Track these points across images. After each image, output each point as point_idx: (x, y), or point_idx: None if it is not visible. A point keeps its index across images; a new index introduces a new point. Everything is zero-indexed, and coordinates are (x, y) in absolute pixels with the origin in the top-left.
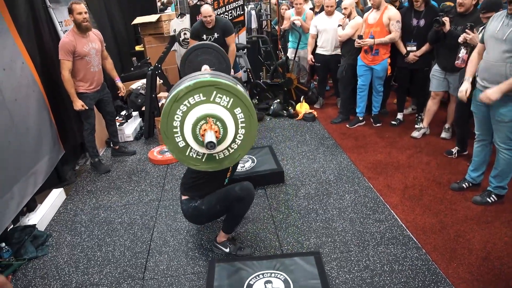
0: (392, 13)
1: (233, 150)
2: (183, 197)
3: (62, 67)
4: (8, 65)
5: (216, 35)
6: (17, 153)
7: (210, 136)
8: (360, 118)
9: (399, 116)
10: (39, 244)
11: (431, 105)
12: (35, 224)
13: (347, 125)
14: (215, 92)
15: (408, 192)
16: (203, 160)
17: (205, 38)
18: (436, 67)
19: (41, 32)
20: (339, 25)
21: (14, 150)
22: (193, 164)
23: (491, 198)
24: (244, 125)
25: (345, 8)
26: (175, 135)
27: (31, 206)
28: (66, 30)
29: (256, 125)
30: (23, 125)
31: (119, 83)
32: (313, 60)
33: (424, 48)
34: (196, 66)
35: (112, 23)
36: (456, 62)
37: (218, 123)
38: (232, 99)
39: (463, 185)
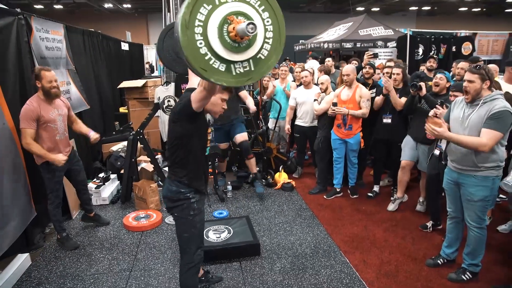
0: (363, 92)
1: (271, 39)
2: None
3: (24, 136)
4: None
5: None
6: None
7: (243, 23)
8: (338, 190)
9: (376, 188)
10: None
11: (401, 176)
12: None
13: (325, 196)
14: None
15: (384, 268)
16: (253, 68)
17: None
18: (407, 138)
19: (27, 95)
20: (315, 100)
21: None
22: (247, 80)
23: (466, 275)
24: (263, 7)
25: (321, 83)
26: (211, 62)
27: None
28: None
29: (277, 5)
30: None
31: (93, 134)
32: (290, 130)
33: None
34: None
35: (98, 84)
36: (427, 134)
37: (240, 17)
38: None
39: (438, 261)
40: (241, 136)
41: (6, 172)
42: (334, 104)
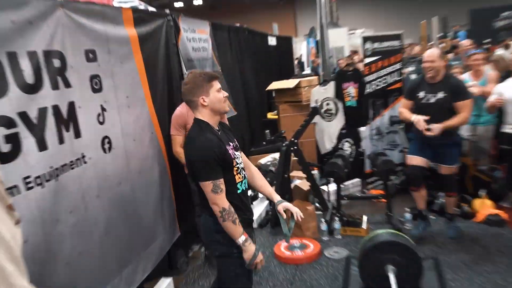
0: None
1: None
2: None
3: (174, 143)
4: (138, 136)
5: (440, 94)
6: (132, 231)
7: None
8: None
9: None
10: None
11: None
12: None
13: None
14: None
15: None
16: None
17: (421, 96)
18: None
19: (174, 102)
20: None
21: (130, 227)
22: None
23: None
24: None
25: None
26: None
27: None
28: None
29: None
30: (143, 200)
31: None
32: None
33: None
34: (377, 264)
35: (244, 87)
36: None
37: None
38: None
39: None
40: (449, 169)
41: (154, 184)
42: None
